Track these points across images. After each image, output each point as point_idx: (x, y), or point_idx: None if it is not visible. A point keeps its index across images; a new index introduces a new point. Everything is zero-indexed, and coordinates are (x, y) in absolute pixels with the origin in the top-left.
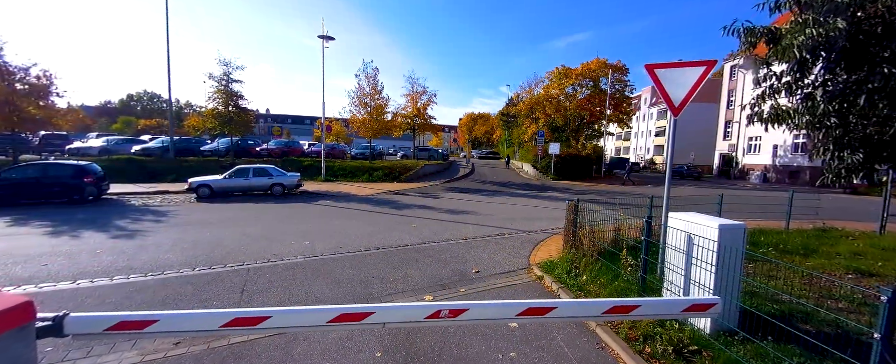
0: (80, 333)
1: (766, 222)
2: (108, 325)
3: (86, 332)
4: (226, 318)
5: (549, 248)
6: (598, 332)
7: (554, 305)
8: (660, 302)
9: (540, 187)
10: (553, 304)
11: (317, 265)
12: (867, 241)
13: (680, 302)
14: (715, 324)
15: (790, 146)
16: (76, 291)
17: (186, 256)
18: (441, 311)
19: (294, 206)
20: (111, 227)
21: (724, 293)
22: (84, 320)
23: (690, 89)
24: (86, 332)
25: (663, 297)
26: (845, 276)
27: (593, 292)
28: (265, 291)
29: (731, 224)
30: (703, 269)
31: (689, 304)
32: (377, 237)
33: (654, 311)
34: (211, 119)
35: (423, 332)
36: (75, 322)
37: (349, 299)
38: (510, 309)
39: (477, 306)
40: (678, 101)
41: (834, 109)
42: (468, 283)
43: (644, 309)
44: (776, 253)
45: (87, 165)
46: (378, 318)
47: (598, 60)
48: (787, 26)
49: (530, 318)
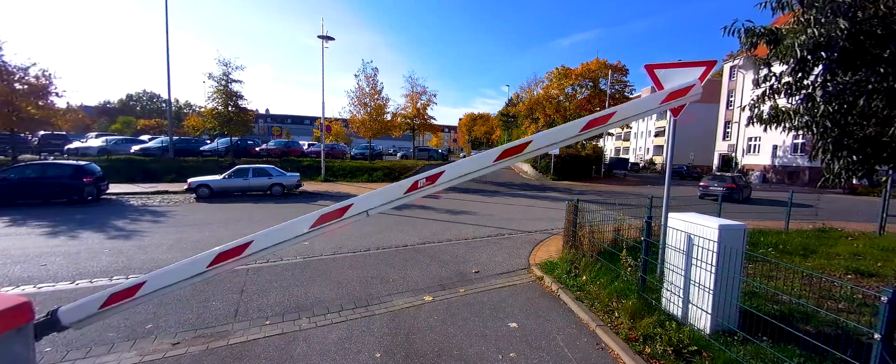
0: (78, 320)
1: (766, 223)
2: (100, 302)
3: (83, 318)
4: (209, 257)
5: (548, 248)
6: (598, 333)
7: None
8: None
9: (540, 187)
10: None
11: (316, 265)
12: (867, 241)
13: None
14: (715, 324)
15: (789, 147)
16: (75, 292)
17: (186, 256)
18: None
19: (293, 206)
20: (110, 227)
21: (723, 293)
22: (77, 307)
23: None
24: (83, 318)
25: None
26: (845, 277)
27: (593, 293)
28: (264, 291)
29: (732, 224)
30: (702, 270)
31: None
32: (377, 237)
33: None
34: (210, 119)
35: (422, 332)
36: (69, 312)
37: (349, 299)
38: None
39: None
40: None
41: (834, 110)
42: (468, 283)
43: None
44: (776, 253)
45: (85, 165)
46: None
47: (598, 61)
48: (788, 26)
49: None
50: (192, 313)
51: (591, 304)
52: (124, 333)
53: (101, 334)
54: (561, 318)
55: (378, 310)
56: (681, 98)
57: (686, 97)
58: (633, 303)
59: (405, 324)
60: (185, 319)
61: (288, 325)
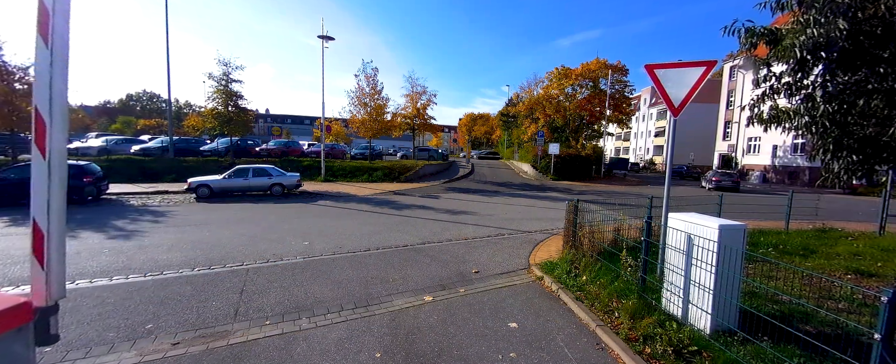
0: (65, 297)
1: (766, 223)
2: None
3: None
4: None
5: (548, 248)
6: (597, 333)
7: None
8: None
9: (539, 188)
10: None
11: (316, 265)
12: (867, 241)
13: None
14: (715, 324)
15: (789, 147)
16: (74, 292)
17: (185, 256)
18: None
19: (293, 206)
20: (110, 227)
21: (724, 294)
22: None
23: (690, 90)
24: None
25: None
26: (845, 277)
27: (593, 293)
28: (264, 292)
29: (732, 224)
30: (703, 270)
31: None
32: (377, 237)
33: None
34: (210, 119)
35: (422, 332)
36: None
37: (349, 299)
38: None
39: None
40: (678, 102)
41: (833, 110)
42: (468, 283)
43: None
44: (776, 253)
45: (85, 165)
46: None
47: (598, 61)
48: (787, 26)
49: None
50: (192, 313)
51: (591, 304)
52: (124, 333)
53: (101, 334)
54: (561, 318)
55: (378, 310)
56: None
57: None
58: (633, 303)
59: (405, 324)
60: (186, 319)
61: (288, 326)
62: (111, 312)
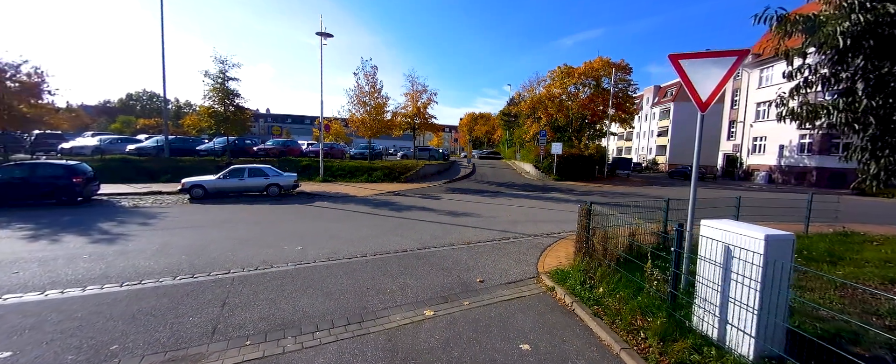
0: None
1: (783, 224)
2: None
3: None
4: None
5: (557, 253)
6: (622, 357)
7: None
8: None
9: (542, 188)
10: None
11: (308, 274)
12: (894, 247)
13: None
14: (759, 348)
15: (796, 146)
16: (42, 304)
17: (169, 263)
18: None
19: (290, 207)
20: (95, 230)
21: (770, 314)
22: None
23: (720, 82)
24: None
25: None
26: (881, 287)
27: (613, 308)
28: (248, 305)
29: (780, 235)
30: (744, 286)
31: None
32: (375, 241)
33: None
34: (206, 118)
35: (422, 356)
36: None
37: (341, 314)
38: None
39: None
40: (706, 96)
41: (878, 105)
42: (472, 294)
43: None
44: (802, 260)
45: (76, 165)
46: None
47: (601, 59)
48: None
49: None
50: (165, 331)
51: (611, 322)
52: (85, 356)
53: (59, 357)
54: (578, 339)
55: (373, 327)
56: None
57: None
58: (661, 322)
59: (403, 345)
60: (156, 339)
61: (270, 347)
62: (76, 330)
